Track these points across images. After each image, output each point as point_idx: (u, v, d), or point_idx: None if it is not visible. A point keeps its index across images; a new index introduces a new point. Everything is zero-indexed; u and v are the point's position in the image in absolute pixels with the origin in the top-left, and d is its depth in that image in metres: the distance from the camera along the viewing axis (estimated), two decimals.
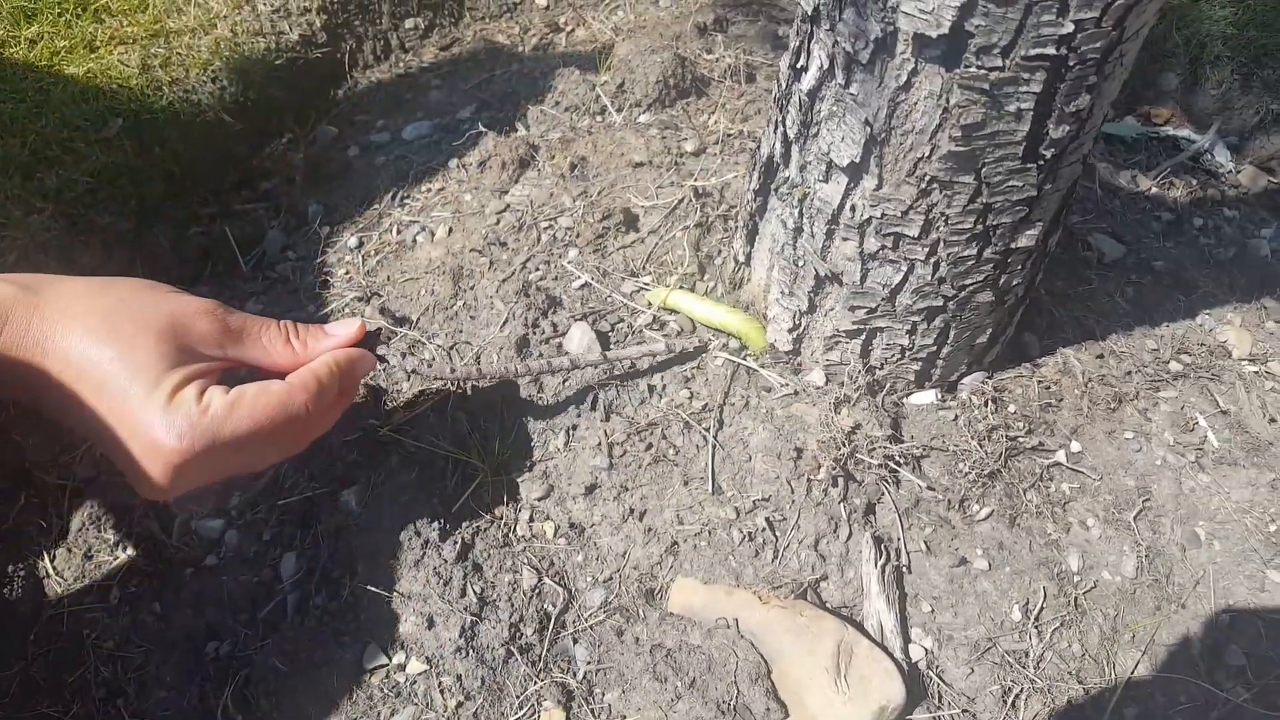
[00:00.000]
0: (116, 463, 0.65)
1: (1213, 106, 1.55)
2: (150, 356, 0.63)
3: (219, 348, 0.70)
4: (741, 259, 1.03)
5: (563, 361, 0.95)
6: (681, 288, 1.06)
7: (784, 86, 0.87)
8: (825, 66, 0.78)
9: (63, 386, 0.62)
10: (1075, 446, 0.99)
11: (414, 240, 1.20)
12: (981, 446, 0.96)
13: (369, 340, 0.83)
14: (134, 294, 0.68)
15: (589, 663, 0.84)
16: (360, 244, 1.21)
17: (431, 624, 0.83)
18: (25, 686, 0.85)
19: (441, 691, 0.81)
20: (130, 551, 0.93)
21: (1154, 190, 1.37)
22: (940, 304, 0.89)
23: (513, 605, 0.86)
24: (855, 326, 0.93)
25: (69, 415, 0.64)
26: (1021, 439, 0.98)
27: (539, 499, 0.93)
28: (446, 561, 0.86)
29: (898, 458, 0.94)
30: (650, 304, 1.05)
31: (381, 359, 0.84)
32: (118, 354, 0.63)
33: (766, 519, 0.90)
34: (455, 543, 0.87)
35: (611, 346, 1.02)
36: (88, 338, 0.63)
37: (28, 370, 0.62)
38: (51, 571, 0.92)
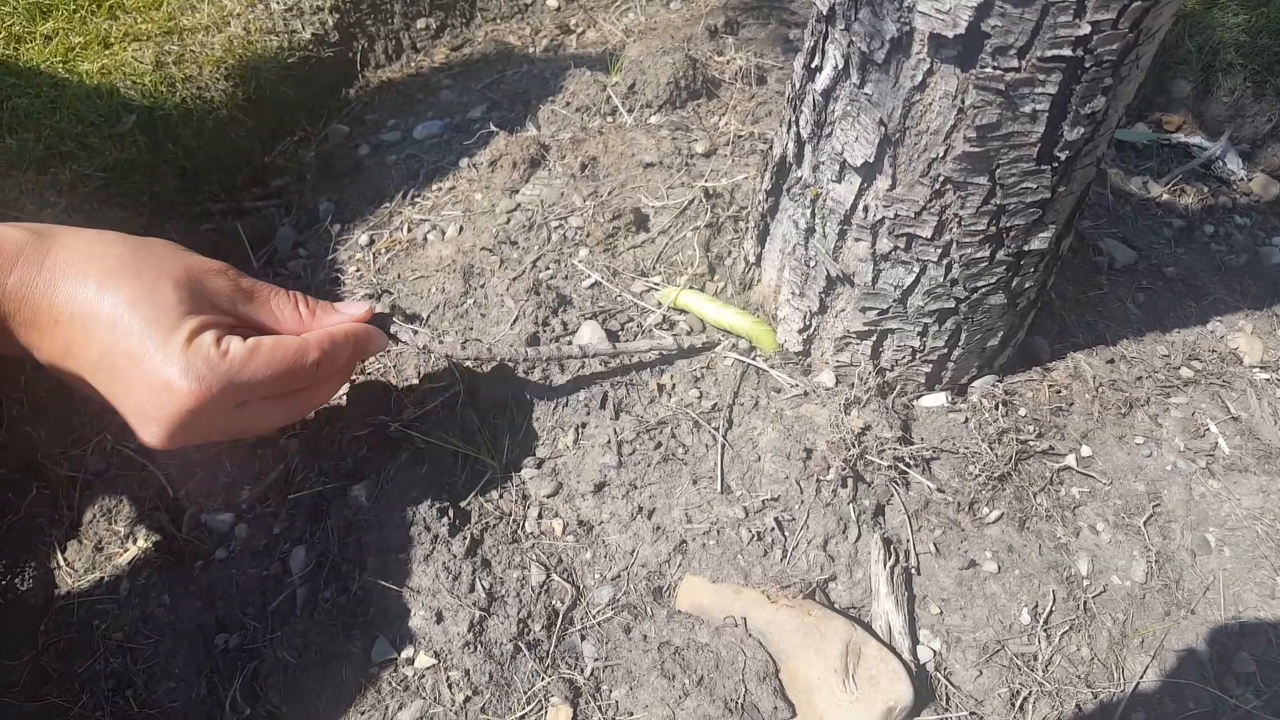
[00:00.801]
0: (121, 406, 0.64)
1: (1225, 113, 1.55)
2: (169, 300, 0.64)
3: (230, 305, 0.70)
4: (752, 259, 1.03)
5: (572, 349, 0.95)
6: (691, 288, 1.06)
7: (798, 86, 0.87)
8: (840, 66, 0.79)
9: (72, 329, 0.62)
10: (1086, 451, 0.99)
11: (425, 238, 1.20)
12: (992, 449, 0.96)
13: (379, 322, 0.84)
14: (149, 245, 0.68)
15: (596, 659, 0.84)
16: (371, 241, 1.22)
17: (440, 619, 0.83)
18: (35, 676, 0.85)
19: (449, 686, 0.81)
20: (140, 544, 0.93)
21: (1165, 197, 1.37)
22: (952, 306, 0.89)
23: (521, 601, 0.86)
24: (866, 328, 0.93)
25: (73, 360, 0.63)
26: (1032, 442, 0.97)
27: (548, 496, 0.93)
28: (456, 557, 0.86)
29: (907, 459, 0.94)
30: (660, 304, 1.05)
31: (394, 337, 0.84)
32: (137, 295, 0.63)
33: (775, 519, 0.90)
34: (464, 538, 0.87)
35: (621, 344, 1.02)
36: (104, 280, 0.63)
37: (34, 313, 0.62)
38: (62, 563, 0.92)
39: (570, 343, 1.02)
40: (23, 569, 0.92)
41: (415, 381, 1.00)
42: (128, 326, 0.62)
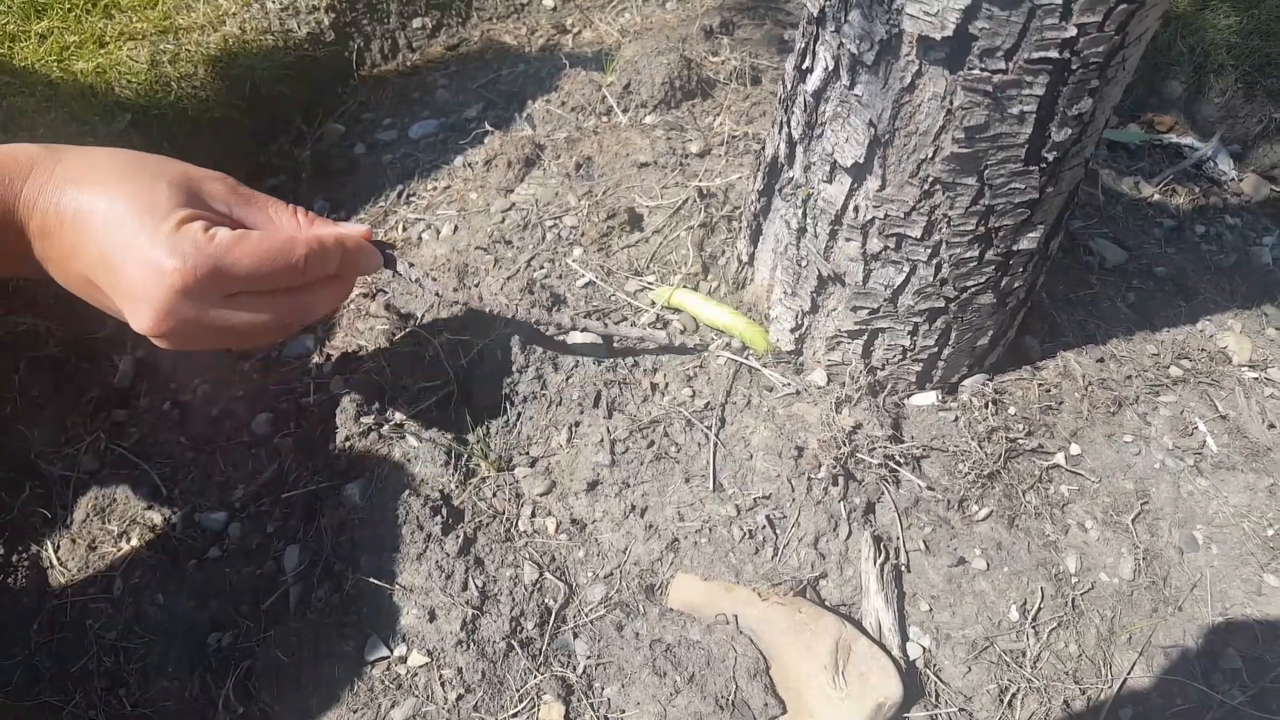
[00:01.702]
0: (116, 296, 0.67)
1: (1216, 114, 1.56)
2: (163, 195, 0.67)
3: (226, 208, 0.73)
4: (745, 259, 1.04)
5: (563, 319, 0.96)
6: (685, 287, 1.06)
7: (789, 87, 0.88)
8: (830, 68, 0.79)
9: (75, 230, 0.66)
10: (1075, 449, 1.00)
11: (420, 237, 1.20)
12: (981, 448, 0.96)
13: (379, 248, 0.84)
14: (150, 156, 0.72)
15: (589, 657, 0.84)
16: None
17: (433, 617, 0.84)
18: (28, 675, 0.85)
19: (442, 684, 0.81)
20: (134, 543, 0.93)
21: (1156, 197, 1.37)
22: (942, 305, 0.90)
23: (514, 599, 0.86)
24: (857, 327, 0.94)
25: (77, 260, 0.66)
26: (1021, 441, 0.98)
27: (541, 494, 0.93)
28: (449, 555, 0.87)
29: (898, 458, 0.94)
30: (655, 303, 1.06)
31: (389, 262, 0.85)
32: (134, 192, 0.66)
33: (767, 517, 0.91)
34: (458, 537, 0.88)
35: (615, 344, 1.03)
36: (105, 184, 0.66)
37: (44, 221, 0.66)
38: (55, 562, 0.93)
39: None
40: (16, 568, 0.92)
41: (409, 380, 1.00)
42: (123, 219, 0.65)
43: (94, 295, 0.69)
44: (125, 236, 0.65)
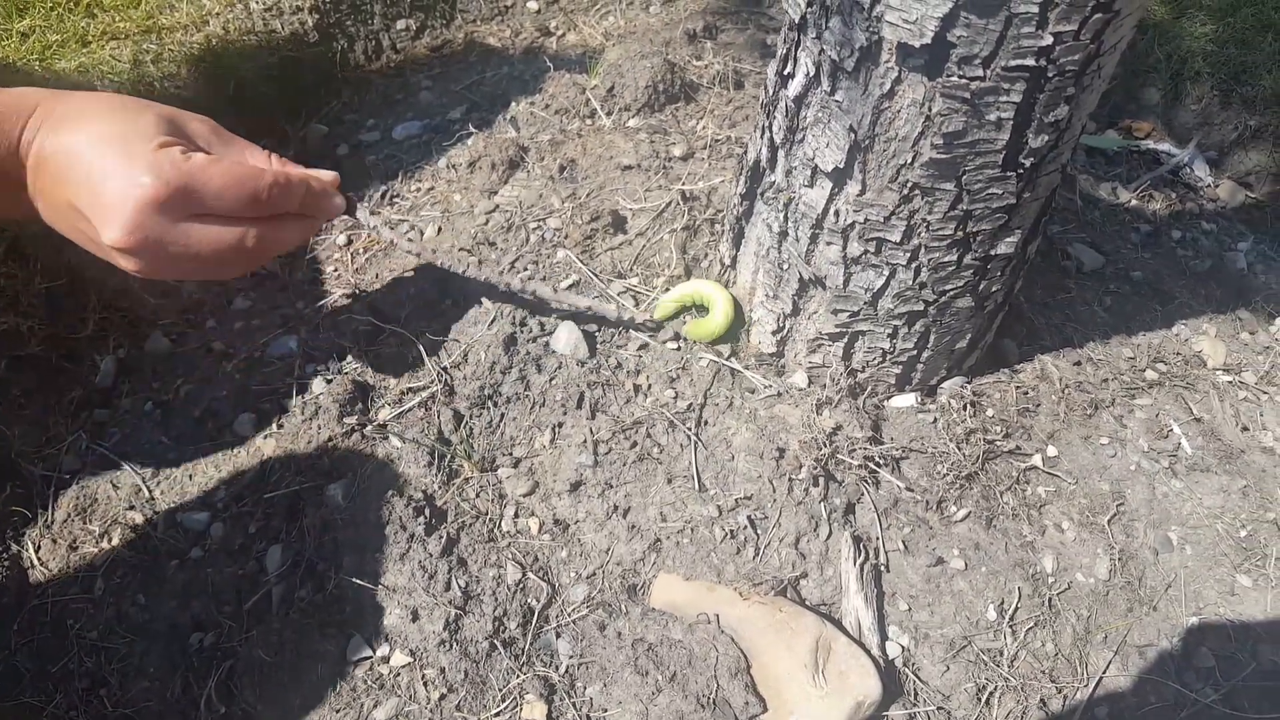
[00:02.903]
0: (92, 215, 0.71)
1: (1193, 121, 1.58)
2: (147, 124, 0.73)
3: (205, 145, 0.79)
4: (728, 262, 1.05)
5: (513, 278, 1.01)
6: (667, 289, 1.07)
7: (771, 92, 0.89)
8: (811, 73, 0.80)
9: (65, 159, 0.70)
10: (1052, 451, 1.01)
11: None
12: (960, 449, 0.97)
13: (348, 198, 0.91)
14: (137, 100, 0.78)
15: (571, 657, 0.85)
16: (349, 242, 1.22)
17: (416, 617, 0.84)
18: (8, 675, 0.85)
19: (425, 684, 0.82)
20: (115, 542, 0.93)
21: (1134, 202, 1.39)
22: (921, 309, 0.91)
23: (497, 599, 0.86)
24: (838, 330, 0.95)
25: (64, 185, 0.71)
26: (999, 442, 0.99)
27: (524, 495, 0.94)
28: (432, 555, 0.87)
29: (877, 459, 0.95)
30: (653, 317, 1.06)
31: (351, 208, 0.91)
32: (122, 121, 0.72)
33: (748, 517, 0.91)
34: (440, 537, 0.88)
35: (599, 347, 1.03)
36: (97, 117, 0.72)
37: (39, 159, 0.71)
38: (36, 561, 0.92)
39: (548, 349, 1.02)
40: None
41: (392, 381, 1.00)
42: (109, 143, 0.71)
43: (76, 224, 0.73)
44: (110, 156, 0.70)
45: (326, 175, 0.89)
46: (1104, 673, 0.88)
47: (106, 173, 0.70)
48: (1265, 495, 1.01)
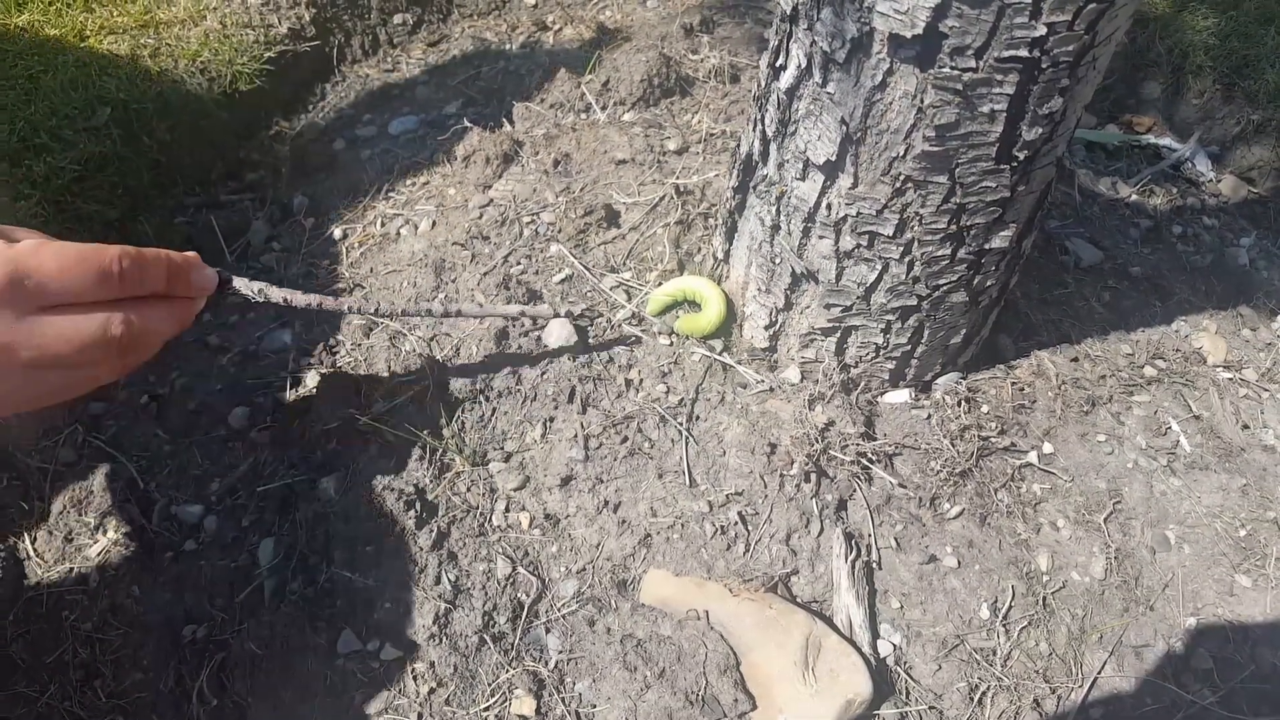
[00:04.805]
0: None
1: (1194, 116, 1.57)
2: None
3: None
4: (721, 256, 1.04)
5: (433, 305, 0.93)
6: (659, 284, 1.07)
7: (763, 85, 0.88)
8: (803, 65, 0.79)
9: None
10: (1047, 448, 1.00)
11: (398, 233, 1.20)
12: (954, 446, 0.97)
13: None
14: None
15: (560, 652, 0.85)
16: (344, 236, 1.22)
17: (406, 611, 0.84)
18: (3, 666, 0.85)
19: (415, 678, 0.82)
20: (110, 535, 0.93)
21: (1134, 197, 1.38)
22: (914, 303, 0.90)
23: (486, 594, 0.86)
24: (830, 324, 0.94)
25: None
26: (994, 439, 0.99)
27: (515, 489, 0.93)
28: (423, 550, 0.87)
29: (870, 455, 0.95)
30: (644, 309, 1.05)
31: (225, 282, 0.79)
32: None
33: (739, 513, 0.91)
34: (432, 531, 0.88)
35: (590, 340, 1.03)
36: None
37: None
38: (32, 553, 0.93)
39: (540, 344, 1.02)
40: None
41: (385, 375, 1.00)
42: None
43: None
44: None
45: (185, 254, 0.75)
46: (1099, 673, 0.87)
47: None
48: (1265, 494, 1.00)
